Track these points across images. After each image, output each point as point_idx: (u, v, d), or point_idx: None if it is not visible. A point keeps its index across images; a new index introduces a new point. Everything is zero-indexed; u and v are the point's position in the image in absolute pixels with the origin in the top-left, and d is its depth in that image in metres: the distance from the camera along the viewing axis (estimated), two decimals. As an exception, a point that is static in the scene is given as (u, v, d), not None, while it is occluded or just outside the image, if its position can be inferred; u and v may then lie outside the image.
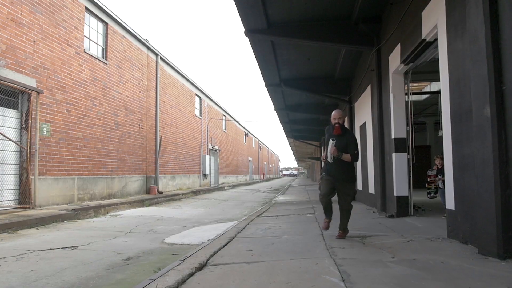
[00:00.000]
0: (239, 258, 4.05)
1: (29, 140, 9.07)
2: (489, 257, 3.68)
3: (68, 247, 5.43)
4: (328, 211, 5.18)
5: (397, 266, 3.52)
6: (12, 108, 9.07)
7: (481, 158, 3.80)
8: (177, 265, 3.72)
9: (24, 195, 9.01)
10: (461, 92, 4.48)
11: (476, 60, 3.83)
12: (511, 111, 3.56)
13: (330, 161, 4.95)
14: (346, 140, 5.01)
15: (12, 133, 8.92)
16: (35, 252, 5.07)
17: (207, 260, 3.96)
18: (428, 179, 7.92)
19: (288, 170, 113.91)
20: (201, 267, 3.70)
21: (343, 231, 5.15)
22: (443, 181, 7.24)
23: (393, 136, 7.47)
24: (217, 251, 4.42)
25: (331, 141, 4.97)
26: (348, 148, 4.97)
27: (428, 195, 7.81)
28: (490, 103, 3.63)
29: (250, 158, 47.44)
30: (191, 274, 3.45)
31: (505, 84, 3.60)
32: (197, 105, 24.40)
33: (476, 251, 3.97)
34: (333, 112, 5.23)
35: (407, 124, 7.47)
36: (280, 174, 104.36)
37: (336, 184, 5.04)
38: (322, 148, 24.81)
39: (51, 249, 5.31)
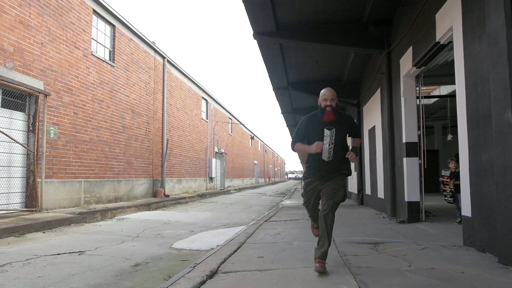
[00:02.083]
0: (251, 266, 3.95)
1: (36, 143, 9.04)
2: (511, 267, 3.55)
3: (75, 252, 5.36)
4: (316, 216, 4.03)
5: (415, 275, 3.40)
6: (20, 111, 9.05)
7: (501, 164, 3.67)
8: (188, 272, 3.62)
9: (31, 198, 8.96)
10: (478, 96, 4.35)
11: (497, 63, 3.71)
12: (533, 115, 3.43)
13: (326, 160, 3.78)
14: (345, 128, 3.87)
15: (20, 136, 8.89)
16: (42, 257, 5.00)
17: (218, 267, 3.85)
18: (441, 179, 7.73)
19: (294, 173, 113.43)
20: (212, 275, 3.61)
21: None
22: (456, 185, 7.08)
23: (404, 141, 7.34)
24: (227, 258, 4.32)
25: (327, 131, 3.73)
26: (354, 134, 4.02)
27: (445, 198, 7.62)
28: (511, 107, 3.51)
29: (255, 162, 47.32)
30: (202, 282, 3.35)
31: (527, 88, 3.48)
32: (203, 108, 24.38)
33: (496, 260, 3.83)
34: (322, 91, 3.79)
35: (418, 128, 7.34)
36: (286, 177, 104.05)
37: (327, 182, 3.81)
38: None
39: (58, 254, 5.23)
